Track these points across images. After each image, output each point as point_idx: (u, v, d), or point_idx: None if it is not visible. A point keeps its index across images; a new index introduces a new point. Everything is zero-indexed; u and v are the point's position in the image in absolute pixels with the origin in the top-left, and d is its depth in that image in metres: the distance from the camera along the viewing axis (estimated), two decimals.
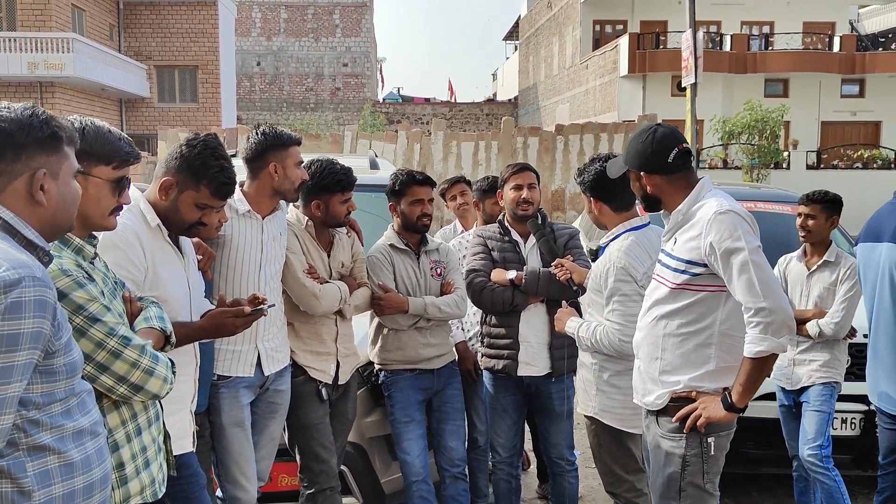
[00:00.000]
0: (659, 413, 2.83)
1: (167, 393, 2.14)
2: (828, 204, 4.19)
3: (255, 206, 3.26)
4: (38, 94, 24.39)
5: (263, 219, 3.29)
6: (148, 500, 2.18)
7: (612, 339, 3.20)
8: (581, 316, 3.52)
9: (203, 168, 2.67)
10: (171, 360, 2.19)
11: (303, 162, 3.34)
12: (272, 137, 3.24)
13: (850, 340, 4.18)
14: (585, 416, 3.49)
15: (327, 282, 3.50)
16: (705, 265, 2.66)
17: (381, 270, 3.76)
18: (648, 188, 2.83)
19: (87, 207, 2.10)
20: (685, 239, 2.72)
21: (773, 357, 2.60)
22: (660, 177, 2.79)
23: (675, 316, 2.76)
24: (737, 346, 2.68)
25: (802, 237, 4.21)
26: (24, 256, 1.64)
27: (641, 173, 2.82)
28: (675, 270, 2.74)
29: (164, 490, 2.26)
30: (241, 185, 3.27)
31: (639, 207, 3.16)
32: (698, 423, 2.71)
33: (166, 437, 2.35)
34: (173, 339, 2.34)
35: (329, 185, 3.45)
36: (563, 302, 3.61)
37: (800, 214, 4.21)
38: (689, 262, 2.69)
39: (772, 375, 3.71)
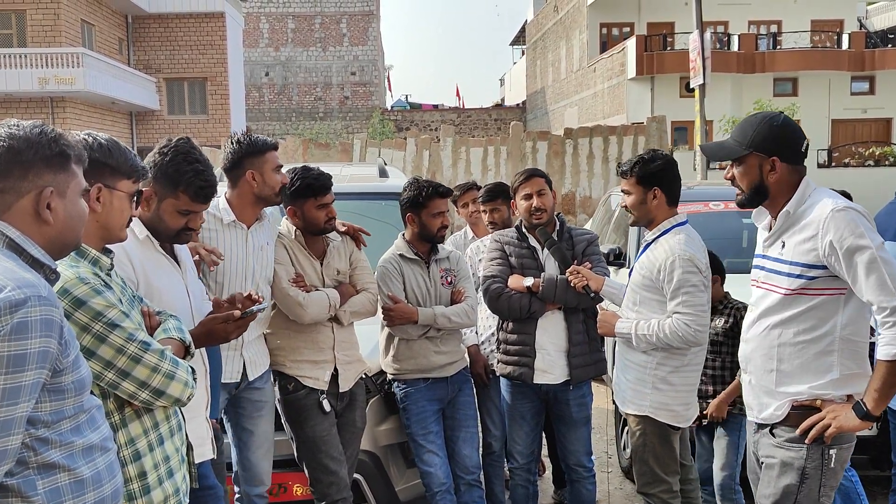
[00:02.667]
0: (776, 424, 2.68)
1: (189, 398, 2.14)
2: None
3: (239, 216, 3.30)
4: (48, 110, 24.55)
5: (249, 228, 3.33)
6: None
7: (685, 332, 3.15)
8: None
9: (177, 174, 2.68)
10: (191, 367, 2.20)
11: (281, 166, 3.36)
12: (247, 145, 3.28)
13: None
14: (633, 417, 3.45)
15: (317, 289, 3.49)
16: (824, 267, 2.53)
17: (390, 281, 3.76)
18: (772, 177, 2.66)
19: (111, 220, 2.13)
20: (798, 241, 2.59)
21: None
22: (787, 166, 2.65)
23: (791, 323, 2.62)
24: (860, 351, 2.58)
25: None
26: (30, 275, 1.64)
27: (774, 159, 2.66)
28: (790, 276, 2.60)
29: (187, 501, 2.25)
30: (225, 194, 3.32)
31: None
32: (827, 433, 2.56)
33: (189, 448, 2.35)
34: (193, 349, 2.35)
35: (300, 190, 3.44)
36: (600, 307, 3.59)
37: None
38: (805, 265, 2.56)
39: None
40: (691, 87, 16.53)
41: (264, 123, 39.67)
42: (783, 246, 2.64)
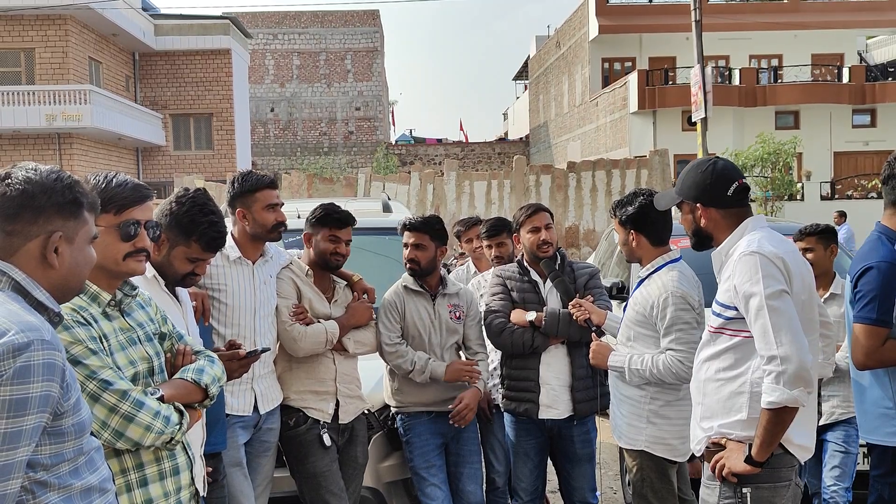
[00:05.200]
0: (702, 459, 2.77)
1: (156, 442, 2.10)
2: (822, 235, 4.22)
3: (243, 251, 3.39)
4: (56, 146, 24.77)
5: (254, 264, 3.41)
6: None
7: (678, 368, 3.17)
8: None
9: (192, 225, 2.78)
10: (179, 409, 2.17)
11: (276, 204, 3.41)
12: (239, 184, 3.40)
13: None
14: (629, 452, 3.45)
15: (317, 321, 3.54)
16: (736, 308, 2.60)
17: (388, 315, 3.77)
18: (703, 222, 2.75)
19: (97, 256, 2.13)
20: (722, 281, 2.68)
21: (791, 410, 2.46)
22: (716, 210, 2.72)
23: (714, 360, 2.70)
24: None
25: None
26: (34, 319, 1.64)
27: (697, 205, 2.75)
28: (714, 314, 2.70)
29: None
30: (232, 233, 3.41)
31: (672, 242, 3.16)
32: (723, 474, 2.62)
33: (196, 495, 2.32)
34: (213, 391, 2.33)
35: (319, 218, 3.55)
36: (594, 336, 3.60)
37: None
38: (723, 305, 2.64)
39: None
40: (693, 120, 16.65)
41: (269, 158, 39.92)
42: (719, 284, 2.73)
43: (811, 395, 2.44)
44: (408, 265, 3.82)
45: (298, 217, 3.69)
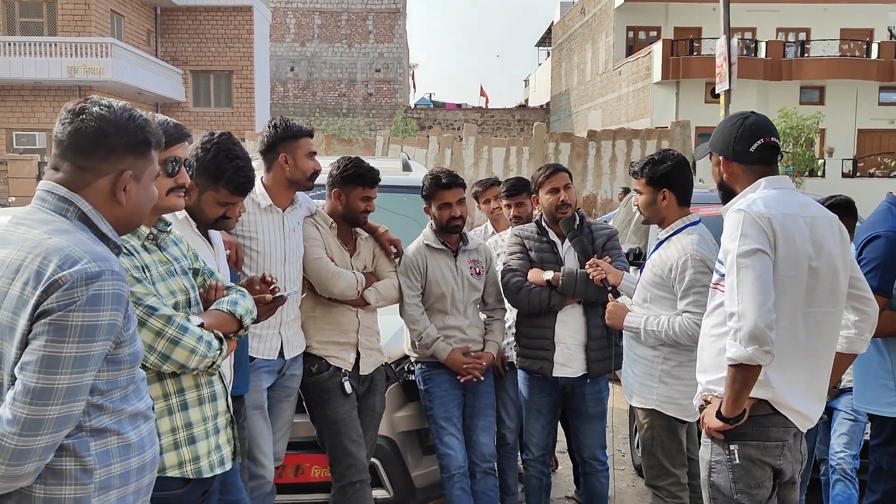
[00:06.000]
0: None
1: (199, 365, 2.18)
2: (836, 209, 4.17)
3: (274, 199, 3.42)
4: (76, 98, 24.76)
5: (284, 211, 3.44)
6: (189, 475, 2.23)
7: (693, 331, 3.17)
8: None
9: (218, 171, 2.81)
10: (219, 336, 2.25)
11: (315, 153, 3.47)
12: (282, 130, 3.43)
13: None
14: (641, 410, 3.50)
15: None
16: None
17: (409, 274, 3.80)
18: (725, 176, 2.75)
19: None
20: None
21: (751, 367, 2.44)
22: (739, 165, 2.70)
23: (710, 316, 2.74)
24: None
25: None
26: (102, 249, 1.71)
27: (721, 158, 2.74)
28: (714, 270, 2.73)
29: (215, 471, 2.31)
30: (262, 178, 3.43)
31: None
32: (705, 430, 2.67)
33: (231, 421, 2.41)
34: (247, 322, 2.40)
35: (352, 177, 3.56)
36: (610, 297, 3.63)
37: None
38: (719, 261, 2.65)
39: None
40: (717, 92, 16.45)
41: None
42: None
43: (769, 354, 2.41)
44: (452, 223, 3.81)
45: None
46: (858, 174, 24.47)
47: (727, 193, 2.77)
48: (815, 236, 2.60)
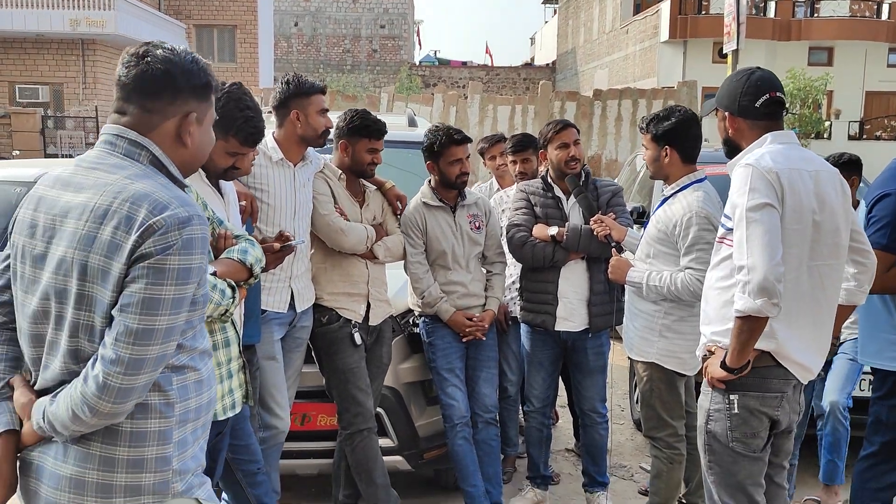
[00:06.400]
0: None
1: (214, 313, 2.25)
2: (844, 166, 4.19)
3: (286, 154, 3.45)
4: (79, 51, 24.66)
5: (295, 166, 3.48)
6: None
7: (696, 287, 3.22)
8: None
9: (229, 120, 2.81)
10: (231, 284, 2.31)
11: (327, 110, 3.50)
12: (295, 86, 3.44)
13: None
14: (641, 364, 3.58)
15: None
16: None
17: (409, 232, 3.85)
18: (730, 131, 2.78)
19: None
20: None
21: (758, 319, 2.50)
22: (744, 121, 2.74)
23: (716, 269, 2.77)
24: None
25: None
26: (184, 194, 1.75)
27: (727, 114, 2.77)
28: (721, 224, 2.76)
29: (227, 414, 2.38)
30: (273, 132, 3.46)
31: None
32: (707, 379, 2.73)
33: (244, 366, 2.48)
34: (256, 270, 2.45)
35: (358, 128, 3.60)
36: (614, 252, 3.68)
37: None
38: (726, 215, 2.69)
39: None
40: (724, 52, 16.31)
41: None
42: None
43: (777, 306, 2.47)
44: (460, 179, 3.85)
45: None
46: (865, 136, 24.31)
47: (732, 149, 2.81)
48: (819, 190, 2.64)
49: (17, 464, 1.79)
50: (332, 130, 3.61)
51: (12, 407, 1.78)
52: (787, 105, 2.80)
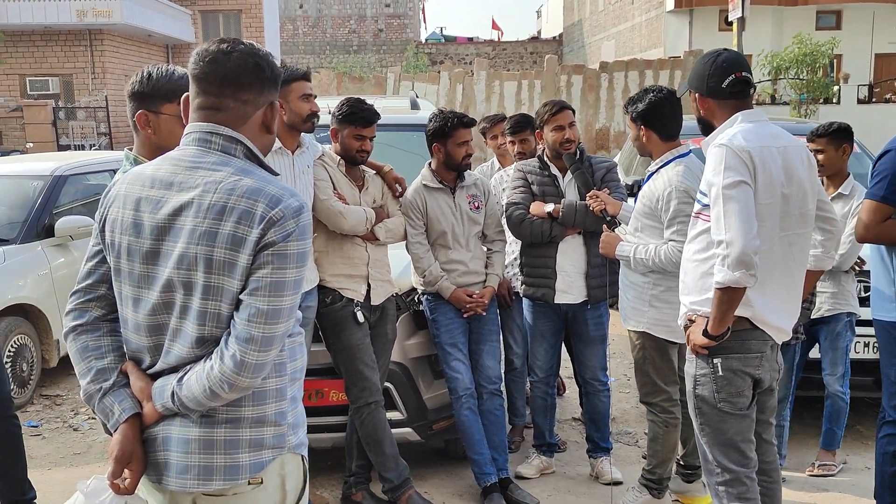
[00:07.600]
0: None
1: None
2: (834, 135, 4.23)
3: (282, 142, 3.58)
4: (87, 42, 24.80)
5: (293, 154, 3.62)
6: None
7: (677, 258, 3.34)
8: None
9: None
10: None
11: (310, 95, 3.61)
12: None
13: (857, 269, 4.29)
14: (634, 333, 3.73)
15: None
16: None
17: (410, 214, 3.98)
18: (702, 111, 2.93)
19: (162, 140, 2.35)
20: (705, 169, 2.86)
21: (736, 290, 2.65)
22: (713, 101, 2.89)
23: (693, 243, 2.93)
24: None
25: (819, 172, 4.31)
26: (287, 186, 1.88)
27: (697, 95, 2.93)
28: (696, 200, 2.91)
29: None
30: None
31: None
32: (690, 346, 2.89)
33: None
34: None
35: (345, 116, 3.76)
36: (605, 227, 3.81)
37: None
38: (701, 192, 2.84)
39: None
40: (730, 20, 16.23)
41: (298, 57, 39.54)
42: None
43: (754, 277, 2.63)
44: (465, 161, 4.00)
45: (329, 113, 3.89)
46: (874, 100, 24.09)
47: (706, 127, 2.96)
48: (786, 164, 2.79)
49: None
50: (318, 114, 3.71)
51: (131, 392, 1.92)
52: (752, 83, 2.93)
